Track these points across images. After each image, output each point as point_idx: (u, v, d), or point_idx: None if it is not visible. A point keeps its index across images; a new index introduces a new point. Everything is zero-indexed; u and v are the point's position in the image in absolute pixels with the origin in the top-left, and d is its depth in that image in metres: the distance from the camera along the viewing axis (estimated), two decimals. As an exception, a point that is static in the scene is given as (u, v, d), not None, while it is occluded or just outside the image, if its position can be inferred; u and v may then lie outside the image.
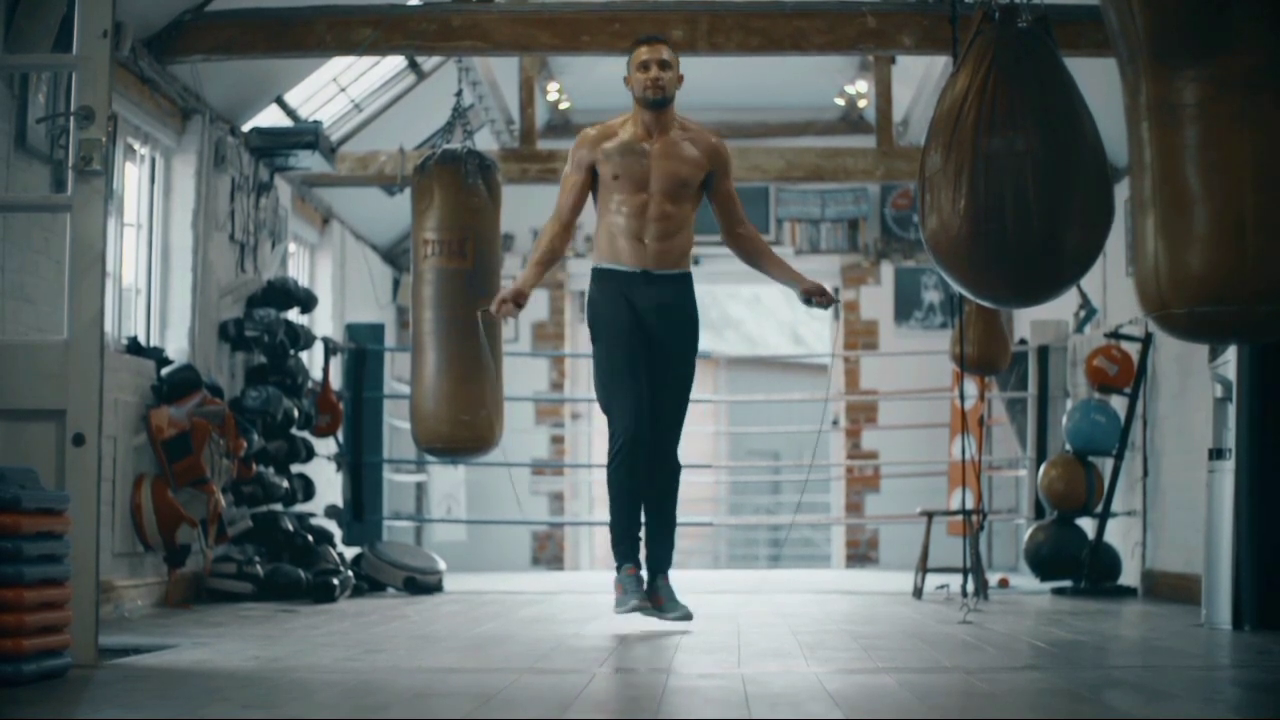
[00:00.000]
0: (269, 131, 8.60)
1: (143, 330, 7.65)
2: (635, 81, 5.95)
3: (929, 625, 6.18)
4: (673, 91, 5.95)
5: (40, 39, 5.64)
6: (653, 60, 5.91)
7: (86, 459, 4.41)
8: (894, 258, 12.64)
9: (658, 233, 5.91)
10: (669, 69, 5.93)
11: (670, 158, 5.93)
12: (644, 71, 5.92)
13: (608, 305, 5.95)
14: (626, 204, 5.91)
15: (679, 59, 6.02)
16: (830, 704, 3.65)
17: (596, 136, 6.00)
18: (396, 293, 12.39)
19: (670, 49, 5.98)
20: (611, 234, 5.95)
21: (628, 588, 5.88)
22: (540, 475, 12.67)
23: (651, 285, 5.91)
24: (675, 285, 5.96)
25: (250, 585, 7.52)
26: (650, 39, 6.01)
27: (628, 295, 5.91)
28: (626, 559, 5.93)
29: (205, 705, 3.66)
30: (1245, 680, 4.37)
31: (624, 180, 5.90)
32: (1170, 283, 4.12)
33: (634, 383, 5.86)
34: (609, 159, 5.93)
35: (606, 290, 5.96)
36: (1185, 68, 4.07)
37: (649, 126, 5.96)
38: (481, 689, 3.94)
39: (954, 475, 11.38)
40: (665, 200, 5.91)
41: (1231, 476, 6.14)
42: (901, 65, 10.33)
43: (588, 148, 5.99)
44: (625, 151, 5.92)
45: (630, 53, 6.00)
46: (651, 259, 5.92)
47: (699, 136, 6.02)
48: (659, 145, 5.94)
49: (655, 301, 5.92)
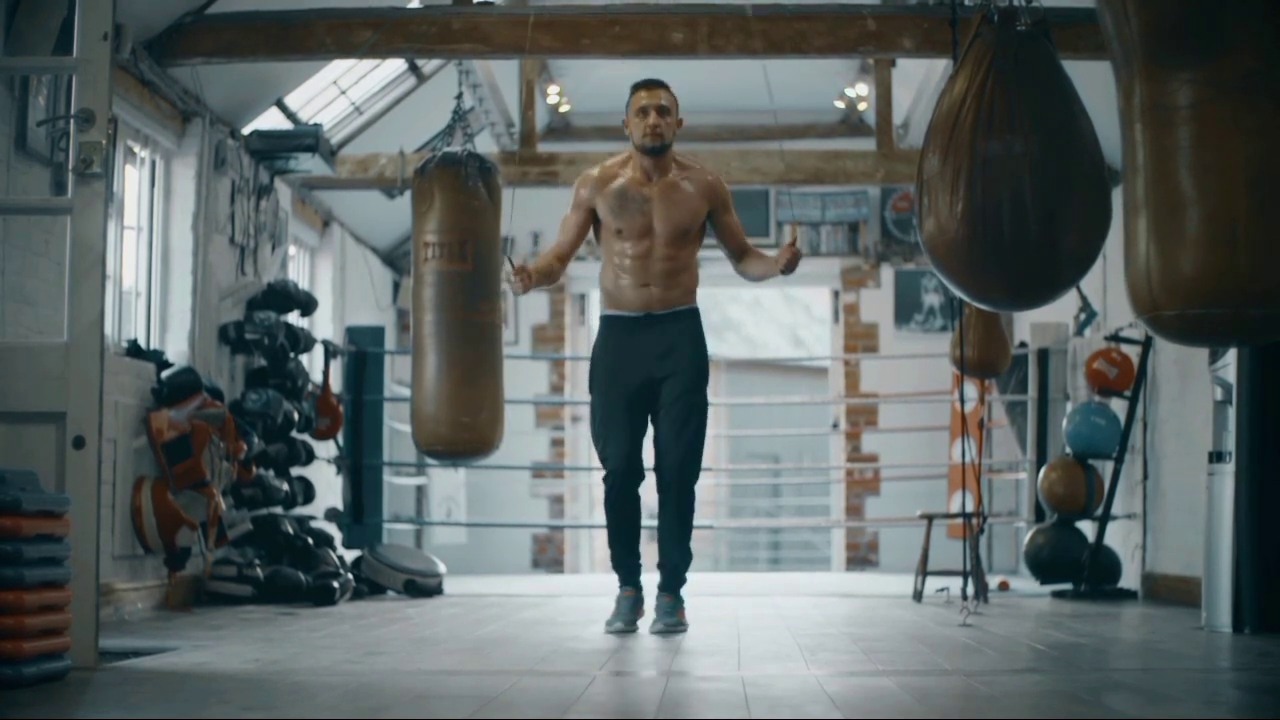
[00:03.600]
0: (269, 134, 8.60)
1: (143, 333, 7.65)
2: (634, 126, 5.94)
3: (929, 628, 6.18)
4: (671, 137, 5.94)
5: (40, 41, 5.64)
6: (651, 106, 5.90)
7: (87, 461, 4.41)
8: (894, 260, 12.64)
9: (663, 276, 5.94)
10: (668, 114, 5.92)
11: (671, 203, 5.94)
12: (643, 118, 5.91)
13: (609, 354, 6.00)
14: (630, 250, 5.94)
15: (678, 102, 6.00)
16: (830, 706, 3.65)
17: (598, 179, 6.01)
18: (397, 295, 12.40)
19: (669, 92, 5.96)
20: (616, 280, 5.98)
21: (620, 610, 5.95)
22: (540, 478, 12.67)
23: (655, 326, 5.94)
24: (680, 322, 5.98)
25: (250, 588, 7.52)
26: (649, 83, 5.97)
27: (632, 339, 5.93)
28: (625, 582, 6.02)
29: (205, 708, 3.66)
30: (1245, 683, 4.37)
31: (626, 231, 5.93)
32: (1162, 285, 4.12)
33: (626, 427, 5.91)
34: (608, 208, 5.95)
35: (610, 339, 6.00)
36: (1179, 70, 4.07)
37: (648, 171, 5.97)
38: (482, 691, 3.94)
39: (954, 478, 11.38)
40: (668, 245, 5.94)
41: (1231, 479, 6.14)
42: (902, 68, 10.33)
43: (589, 189, 6.00)
44: (626, 201, 5.93)
45: (629, 96, 5.99)
46: (657, 301, 5.95)
47: (696, 176, 6.02)
48: (659, 190, 5.95)
49: (660, 341, 5.94)
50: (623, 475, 5.91)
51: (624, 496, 5.94)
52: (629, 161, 6.01)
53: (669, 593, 5.97)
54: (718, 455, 17.13)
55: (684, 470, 5.93)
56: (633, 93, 5.97)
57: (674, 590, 5.98)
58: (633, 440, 5.94)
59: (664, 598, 5.96)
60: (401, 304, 12.22)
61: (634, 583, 6.00)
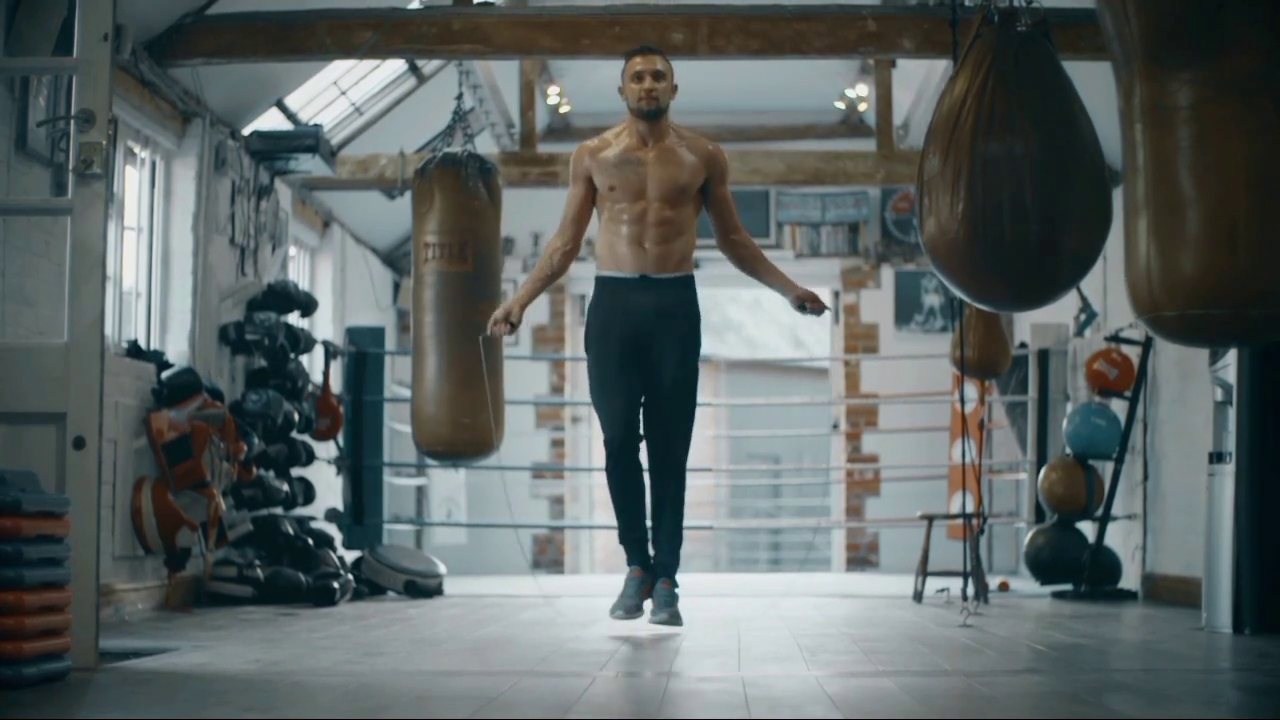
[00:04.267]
0: (269, 135, 8.60)
1: (143, 333, 7.65)
2: (629, 92, 5.96)
3: (929, 629, 6.18)
4: (666, 101, 5.96)
5: (41, 42, 5.64)
6: (646, 71, 5.93)
7: (87, 462, 4.41)
8: (894, 261, 12.64)
9: (657, 237, 5.93)
10: (662, 79, 5.94)
11: (667, 164, 5.95)
12: (638, 82, 5.93)
13: (602, 315, 5.99)
14: (625, 212, 5.94)
15: (673, 68, 6.03)
16: (830, 707, 3.65)
17: (592, 149, 6.04)
18: (397, 296, 12.40)
19: (664, 59, 6.00)
20: (612, 242, 5.98)
21: (626, 591, 5.94)
22: (540, 479, 12.67)
23: (650, 289, 5.92)
24: (675, 288, 5.97)
25: (250, 589, 7.52)
26: (644, 49, 6.02)
27: (626, 301, 5.92)
28: (631, 560, 6.02)
29: (206, 708, 3.66)
30: (1246, 684, 4.37)
31: (620, 190, 5.94)
32: (1162, 285, 4.12)
33: (623, 390, 5.92)
34: (604, 170, 5.96)
35: (604, 300, 6.00)
36: (1179, 70, 4.07)
37: (644, 136, 5.98)
38: (482, 692, 3.94)
39: (954, 479, 11.39)
40: (664, 206, 5.93)
41: (1232, 480, 6.14)
42: (902, 68, 10.33)
43: (583, 160, 6.03)
44: (621, 162, 5.95)
45: (624, 63, 6.01)
46: (651, 263, 5.93)
47: (695, 143, 6.04)
48: (655, 153, 5.96)
49: (654, 305, 5.92)
50: (622, 439, 5.92)
51: (626, 462, 5.94)
52: (625, 130, 6.03)
53: (667, 578, 5.97)
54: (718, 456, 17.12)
55: (681, 445, 5.95)
56: (627, 60, 6.01)
57: (671, 575, 5.99)
58: (629, 404, 5.94)
59: (663, 584, 5.96)
60: (402, 305, 12.22)
61: (643, 561, 6.00)
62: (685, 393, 5.98)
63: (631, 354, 5.93)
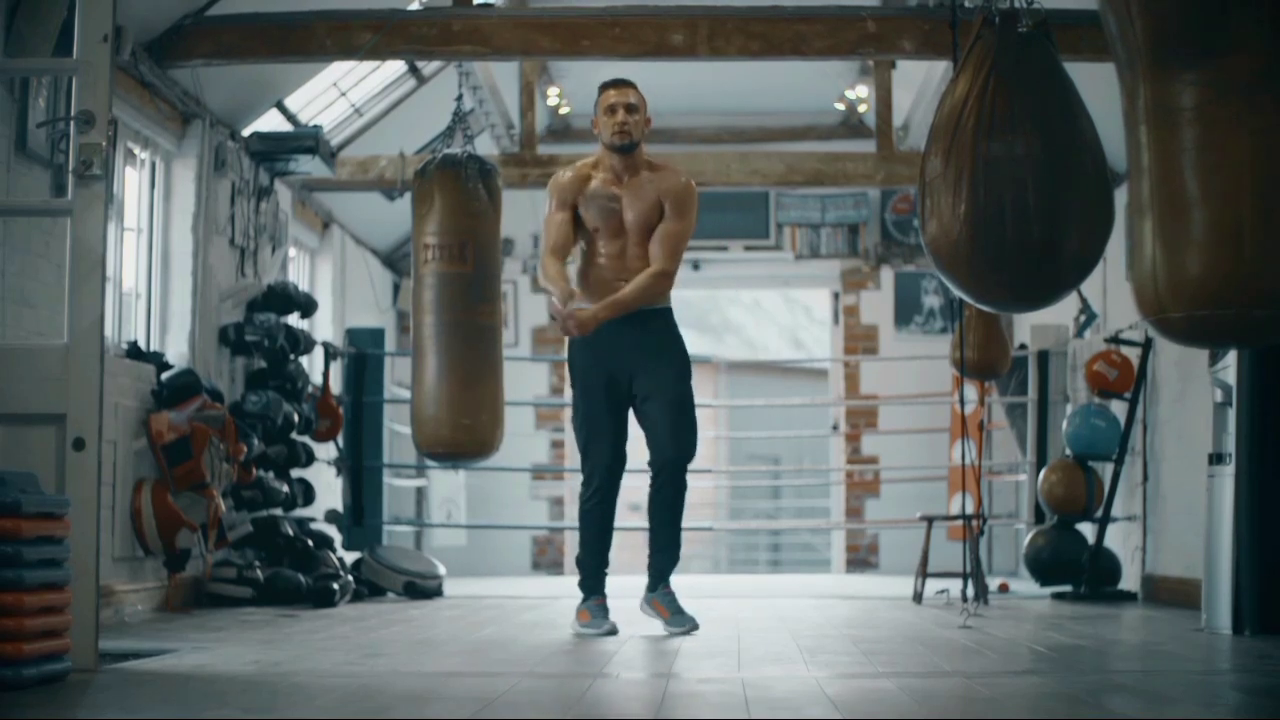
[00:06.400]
0: (269, 136, 8.60)
1: (143, 335, 7.65)
2: (602, 125, 5.93)
3: (929, 630, 6.18)
4: (640, 135, 5.93)
5: (40, 43, 5.64)
6: (619, 104, 5.90)
7: (86, 463, 4.40)
8: (894, 262, 12.64)
9: (636, 274, 5.91)
10: (635, 112, 5.91)
11: (640, 200, 5.94)
12: (610, 115, 5.90)
13: (583, 353, 5.97)
14: (605, 249, 5.96)
15: (646, 101, 5.99)
16: (830, 708, 3.65)
17: (574, 179, 5.99)
18: (397, 297, 12.40)
19: (637, 92, 5.96)
20: (591, 278, 5.98)
21: (594, 614, 5.94)
22: (540, 480, 12.67)
23: (630, 324, 5.89)
24: (654, 321, 5.96)
25: (250, 590, 7.52)
26: (616, 82, 5.97)
27: (608, 338, 5.88)
28: (594, 591, 6.02)
29: (205, 709, 3.66)
30: (1245, 685, 4.37)
31: (602, 230, 5.94)
32: (1168, 286, 4.11)
33: (610, 433, 5.96)
34: (588, 208, 5.95)
35: (586, 338, 5.91)
36: (1183, 71, 4.07)
37: (618, 171, 5.96)
38: (482, 693, 3.94)
39: (954, 480, 11.38)
40: (640, 244, 5.93)
41: (1231, 481, 6.14)
42: (902, 70, 10.34)
43: (568, 188, 5.97)
44: (601, 202, 5.93)
45: (597, 96, 5.99)
46: None
47: (664, 176, 5.99)
48: (628, 190, 5.95)
49: (636, 339, 5.91)
50: (604, 479, 5.96)
51: (607, 497, 5.99)
52: (599, 163, 6.01)
53: (665, 583, 5.97)
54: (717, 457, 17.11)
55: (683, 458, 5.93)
56: (601, 92, 5.98)
57: (668, 578, 5.99)
58: (616, 438, 5.98)
59: (664, 588, 5.96)
60: (401, 306, 12.22)
61: (603, 591, 6.03)
62: (683, 410, 5.95)
63: (617, 394, 5.95)
